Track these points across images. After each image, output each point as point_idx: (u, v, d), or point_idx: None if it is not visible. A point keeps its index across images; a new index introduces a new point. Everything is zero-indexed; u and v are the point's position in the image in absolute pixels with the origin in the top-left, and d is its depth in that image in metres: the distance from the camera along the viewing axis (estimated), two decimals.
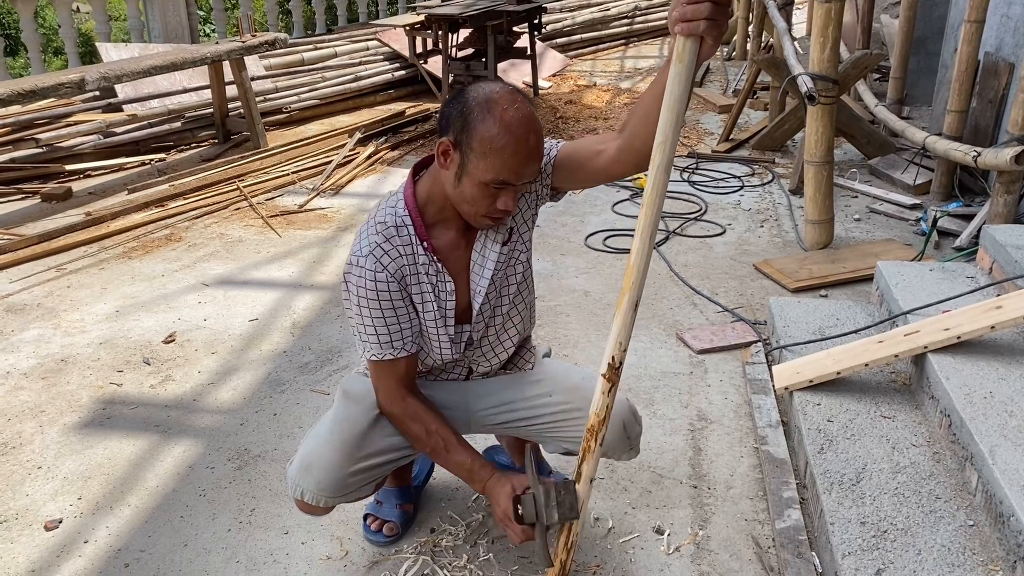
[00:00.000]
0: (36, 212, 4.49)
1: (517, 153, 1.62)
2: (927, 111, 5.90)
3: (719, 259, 3.87)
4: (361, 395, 1.87)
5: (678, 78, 1.37)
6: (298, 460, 1.86)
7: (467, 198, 1.67)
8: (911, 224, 4.21)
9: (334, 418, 1.87)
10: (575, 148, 1.78)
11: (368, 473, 1.86)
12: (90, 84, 4.47)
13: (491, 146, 1.60)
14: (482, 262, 1.82)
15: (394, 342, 1.77)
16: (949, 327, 2.42)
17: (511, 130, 1.60)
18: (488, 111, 1.61)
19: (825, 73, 3.76)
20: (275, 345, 3.14)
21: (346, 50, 7.07)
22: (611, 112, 6.57)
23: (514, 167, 1.63)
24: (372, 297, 1.73)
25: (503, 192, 1.66)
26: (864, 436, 2.31)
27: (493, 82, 1.69)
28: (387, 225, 1.74)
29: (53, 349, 3.10)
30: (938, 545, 1.91)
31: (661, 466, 2.43)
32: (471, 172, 1.64)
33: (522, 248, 1.87)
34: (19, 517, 2.24)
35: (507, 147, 1.61)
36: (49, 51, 15.91)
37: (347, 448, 1.82)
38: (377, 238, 1.73)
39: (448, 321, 1.83)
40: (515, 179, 1.65)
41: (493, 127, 1.60)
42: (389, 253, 1.73)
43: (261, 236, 4.21)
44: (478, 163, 1.62)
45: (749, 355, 2.98)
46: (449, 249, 1.80)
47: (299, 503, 1.90)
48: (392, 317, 1.76)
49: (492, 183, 1.64)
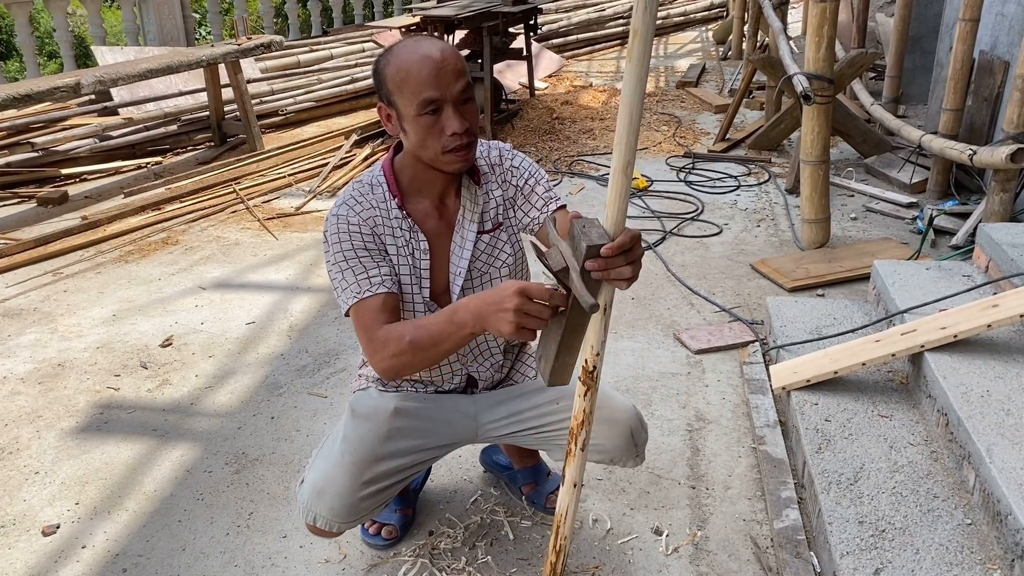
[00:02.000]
0: (32, 216, 4.48)
1: (424, 66, 1.61)
2: (923, 109, 5.91)
3: (716, 259, 3.87)
4: (369, 413, 1.85)
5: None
6: (309, 484, 1.80)
7: (417, 141, 1.66)
8: (907, 223, 4.21)
9: (344, 438, 1.83)
10: (562, 222, 1.63)
11: (379, 496, 1.81)
12: (86, 88, 4.47)
13: (402, 78, 1.62)
14: (461, 243, 1.81)
15: (372, 279, 1.70)
16: (946, 326, 2.42)
17: (413, 53, 1.63)
18: (390, 54, 1.66)
19: (821, 72, 3.76)
20: (272, 348, 3.14)
21: (342, 52, 7.07)
22: (607, 113, 6.57)
23: (429, 80, 1.61)
24: (345, 240, 1.71)
25: (442, 115, 1.64)
26: (862, 435, 2.31)
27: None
28: (363, 183, 1.78)
29: (50, 353, 3.10)
30: (936, 544, 1.91)
31: (659, 467, 2.43)
32: (404, 113, 1.65)
33: (508, 251, 1.85)
34: (16, 523, 2.23)
35: (412, 67, 1.61)
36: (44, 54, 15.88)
37: (359, 470, 1.77)
38: (352, 192, 1.77)
39: (423, 284, 1.79)
40: (437, 91, 1.61)
41: (396, 62, 1.64)
42: (361, 203, 1.75)
43: (258, 239, 4.21)
44: (401, 100, 1.63)
45: (747, 355, 2.98)
46: (423, 215, 1.79)
47: (311, 527, 1.84)
48: (367, 258, 1.71)
49: (421, 109, 1.62)
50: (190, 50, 5.68)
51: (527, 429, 1.96)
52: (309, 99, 6.39)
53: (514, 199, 1.84)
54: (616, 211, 1.30)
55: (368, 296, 1.69)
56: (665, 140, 5.82)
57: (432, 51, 1.63)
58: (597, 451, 1.91)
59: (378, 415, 1.83)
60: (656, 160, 5.39)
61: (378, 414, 1.83)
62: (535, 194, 1.81)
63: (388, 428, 1.82)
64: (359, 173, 5.20)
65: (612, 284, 1.34)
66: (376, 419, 1.83)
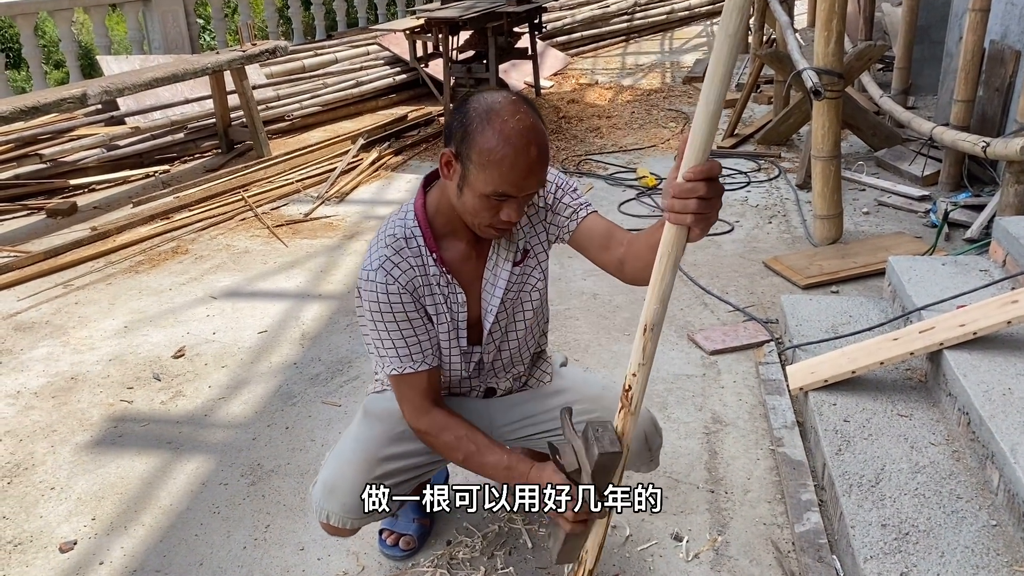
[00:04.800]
0: (42, 228, 4.49)
1: (516, 165, 1.56)
2: (932, 100, 5.86)
3: (728, 257, 3.84)
4: (382, 414, 1.86)
5: (667, 259, 1.36)
6: (321, 482, 1.84)
7: (469, 209, 1.64)
8: (920, 216, 4.17)
9: (356, 437, 1.85)
10: (596, 227, 1.76)
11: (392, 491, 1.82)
12: (92, 98, 4.47)
13: (490, 158, 1.56)
14: (494, 280, 1.80)
15: (413, 355, 1.74)
16: (965, 323, 2.39)
17: (511, 141, 1.55)
18: (488, 122, 1.56)
19: (830, 67, 3.73)
20: (285, 357, 3.13)
21: (346, 55, 7.06)
22: (614, 110, 6.54)
23: (514, 180, 1.58)
24: (386, 311, 1.70)
25: (506, 204, 1.62)
26: (882, 436, 2.29)
27: (497, 91, 1.65)
28: (396, 237, 1.72)
29: (63, 367, 3.10)
30: (961, 546, 1.89)
31: (677, 471, 2.41)
32: (472, 184, 1.60)
33: (539, 275, 1.85)
34: (34, 539, 2.23)
35: (506, 159, 1.56)
36: (50, 64, 15.93)
37: (370, 467, 1.79)
38: (387, 251, 1.71)
39: (460, 334, 1.81)
40: (515, 191, 1.60)
41: (492, 138, 1.55)
42: (399, 265, 1.70)
43: (267, 246, 4.20)
44: (478, 175, 1.58)
45: (762, 355, 2.95)
46: (460, 261, 1.78)
47: (325, 526, 1.87)
48: (408, 330, 1.73)
49: (492, 195, 1.59)
50: (195, 58, 5.68)
51: (541, 432, 1.96)
52: (315, 104, 6.38)
53: (544, 218, 1.82)
54: (701, 138, 1.26)
55: (410, 373, 1.75)
56: (673, 137, 5.79)
57: (531, 148, 1.57)
58: None
59: (391, 416, 1.84)
60: (665, 157, 5.36)
61: (391, 415, 1.84)
62: (562, 203, 1.79)
63: (401, 429, 1.83)
64: (367, 178, 5.19)
65: (683, 223, 1.31)
66: (389, 420, 1.84)
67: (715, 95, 1.22)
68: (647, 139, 5.78)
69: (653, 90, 7.16)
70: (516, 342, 1.90)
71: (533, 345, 1.97)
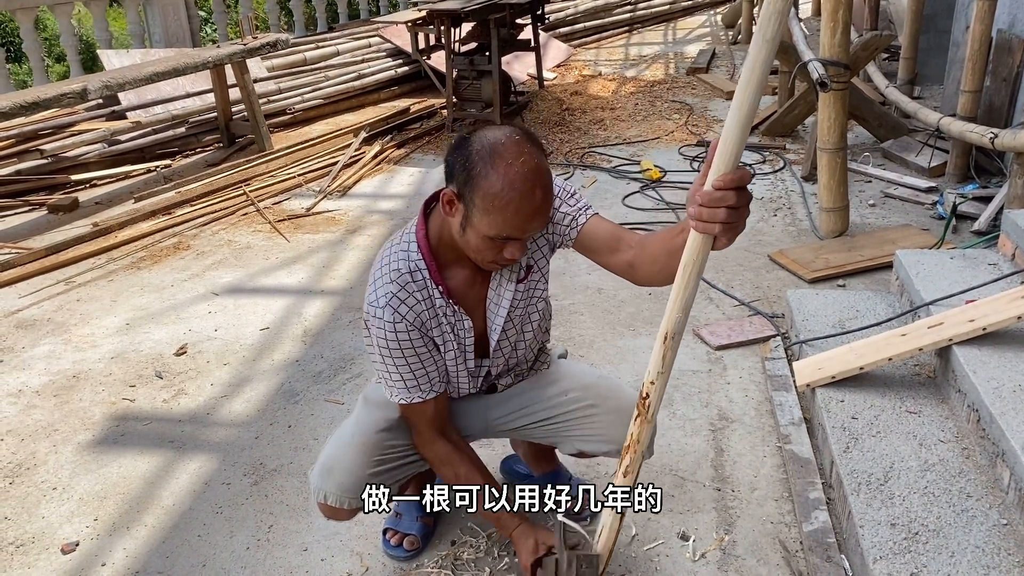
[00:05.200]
0: (43, 224, 4.47)
1: (520, 211, 1.55)
2: (938, 90, 5.81)
3: (733, 250, 3.80)
4: (381, 401, 1.88)
5: (691, 268, 1.34)
6: (319, 464, 1.88)
7: (472, 247, 1.63)
8: (927, 208, 4.14)
9: (355, 421, 1.90)
10: (599, 230, 1.74)
11: (389, 474, 1.87)
12: (93, 93, 4.44)
13: (494, 203, 1.53)
14: (497, 300, 1.80)
15: (421, 385, 1.77)
16: (974, 318, 2.36)
17: (515, 186, 1.53)
18: (492, 165, 1.53)
19: (836, 58, 3.68)
20: (287, 354, 3.11)
21: (348, 48, 7.02)
22: (617, 102, 6.50)
23: (518, 224, 1.56)
24: (394, 347, 1.72)
25: (509, 244, 1.61)
26: (890, 433, 2.26)
27: (499, 128, 1.61)
28: (401, 272, 1.71)
29: (64, 365, 3.08)
30: (972, 546, 1.87)
31: (683, 469, 2.38)
32: (475, 225, 1.58)
33: (543, 285, 1.86)
34: (36, 540, 2.22)
35: (510, 204, 1.53)
36: (51, 57, 15.90)
37: (368, 449, 1.83)
38: (392, 287, 1.69)
39: (468, 356, 1.84)
40: (520, 234, 1.59)
41: (496, 183, 1.53)
42: (406, 301, 1.70)
43: (269, 241, 4.17)
44: (482, 218, 1.56)
45: (768, 350, 2.93)
46: (465, 288, 1.78)
47: (323, 507, 1.90)
48: (416, 361, 1.75)
49: (496, 238, 1.58)
50: (196, 51, 5.65)
51: (537, 421, 1.98)
52: (316, 97, 6.35)
53: (543, 231, 1.79)
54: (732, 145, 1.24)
55: (418, 402, 1.79)
56: (677, 129, 5.75)
57: (536, 192, 1.55)
58: (605, 440, 1.94)
59: (390, 403, 1.86)
60: (669, 150, 5.32)
61: (390, 402, 1.85)
62: (560, 213, 1.76)
63: (399, 415, 1.86)
64: (370, 171, 5.16)
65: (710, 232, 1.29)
66: (388, 407, 1.87)
67: (749, 101, 1.18)
68: (651, 131, 5.74)
69: (657, 81, 7.11)
70: (524, 348, 1.93)
71: (537, 345, 2.00)
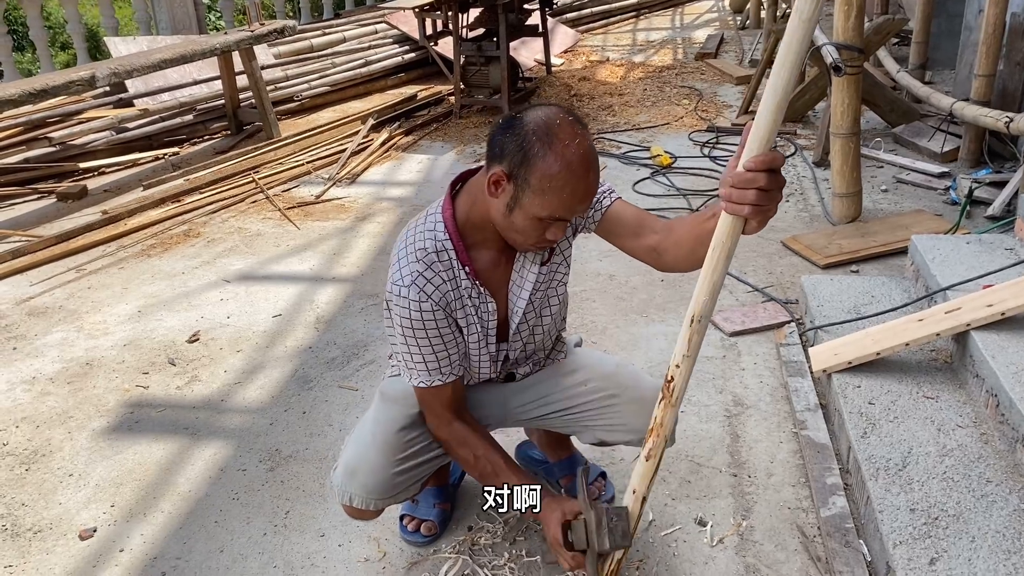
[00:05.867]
0: (52, 212, 4.46)
1: (576, 192, 1.56)
2: (949, 75, 5.77)
3: (745, 236, 3.78)
4: (399, 396, 1.86)
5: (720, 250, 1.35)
6: (342, 466, 1.85)
7: (517, 228, 1.62)
8: (940, 193, 4.11)
9: (374, 420, 1.87)
10: (624, 214, 1.76)
11: (413, 472, 1.85)
12: (100, 81, 4.42)
13: (551, 184, 1.53)
14: (520, 282, 1.79)
15: (442, 368, 1.75)
16: (992, 303, 2.35)
17: (572, 168, 1.53)
18: (549, 146, 1.53)
19: (850, 42, 3.65)
20: (300, 341, 3.11)
21: (355, 34, 7.00)
22: (625, 88, 6.47)
23: (571, 204, 1.57)
24: (418, 327, 1.69)
25: (554, 225, 1.62)
26: (908, 418, 2.26)
27: (549, 108, 1.60)
28: (427, 251, 1.69)
29: (77, 352, 3.08)
30: (992, 531, 1.86)
31: (699, 454, 2.38)
32: (525, 206, 1.57)
33: (564, 269, 1.85)
34: (53, 527, 2.22)
35: (567, 186, 1.54)
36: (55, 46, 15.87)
37: (390, 448, 1.81)
38: (418, 266, 1.68)
39: (490, 340, 1.82)
40: (569, 215, 1.60)
41: (554, 164, 1.52)
42: (432, 281, 1.68)
43: (279, 229, 4.17)
44: (534, 199, 1.55)
45: (783, 336, 2.91)
46: (490, 269, 1.77)
47: (348, 508, 1.88)
48: (440, 344, 1.73)
49: (547, 219, 1.59)
50: (203, 38, 5.63)
51: (555, 411, 1.97)
52: (324, 84, 6.33)
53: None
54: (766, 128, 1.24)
55: (438, 386, 1.76)
56: (687, 114, 5.72)
57: (590, 174, 1.57)
58: (626, 431, 1.92)
59: (408, 397, 1.84)
60: (679, 135, 5.30)
61: (407, 396, 1.84)
62: None
63: (419, 410, 1.84)
64: (378, 159, 5.15)
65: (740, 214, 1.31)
66: (406, 401, 1.84)
67: (784, 83, 1.17)
68: (660, 117, 5.71)
69: (665, 67, 7.08)
70: (542, 334, 1.91)
71: (555, 332, 1.98)
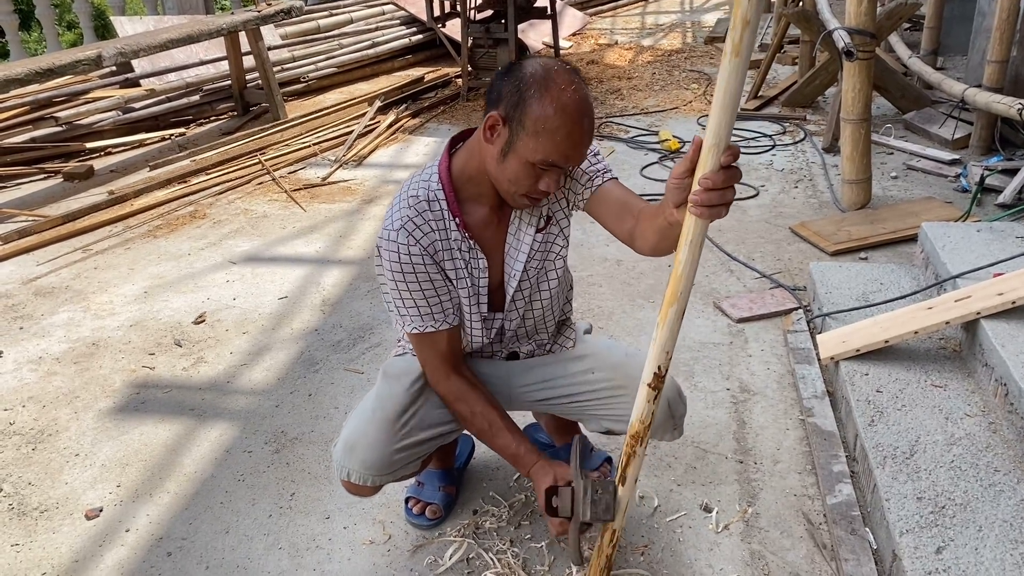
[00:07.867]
0: (59, 192, 4.46)
1: (570, 136, 1.56)
2: (961, 61, 5.72)
3: (754, 223, 3.77)
4: (401, 373, 1.85)
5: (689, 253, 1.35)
6: (342, 441, 1.85)
7: (509, 175, 1.62)
8: (950, 180, 4.08)
9: (376, 396, 1.86)
10: (611, 195, 1.75)
11: (413, 450, 1.83)
12: (107, 60, 4.40)
13: (544, 126, 1.54)
14: (517, 245, 1.78)
15: (434, 314, 1.75)
16: (1003, 291, 2.33)
17: (567, 111, 1.54)
18: (545, 89, 1.55)
19: (862, 27, 3.62)
20: (306, 323, 3.11)
21: (362, 15, 6.96)
22: (634, 72, 6.42)
23: (565, 150, 1.57)
24: (408, 271, 1.70)
25: (547, 173, 1.61)
26: (915, 406, 2.24)
27: (548, 58, 1.62)
28: (419, 199, 1.70)
29: (84, 333, 3.08)
30: (999, 520, 1.85)
31: (705, 441, 2.37)
32: (519, 150, 1.58)
33: (562, 242, 1.84)
34: (60, 506, 2.23)
35: (561, 128, 1.55)
36: (62, 24, 15.83)
37: (390, 425, 1.80)
38: (409, 212, 1.69)
39: (481, 299, 1.80)
40: (563, 162, 1.59)
41: (549, 106, 1.54)
42: (421, 227, 1.69)
43: (286, 211, 4.16)
44: (528, 141, 1.56)
45: (790, 323, 2.90)
46: (482, 226, 1.76)
47: (346, 484, 1.87)
48: (430, 289, 1.73)
49: (540, 163, 1.58)
50: (210, 18, 5.60)
51: (560, 397, 1.95)
52: (330, 65, 6.30)
53: (564, 184, 1.78)
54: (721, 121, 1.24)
55: (431, 332, 1.76)
56: (696, 99, 5.68)
57: (584, 120, 1.58)
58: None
59: (410, 374, 1.84)
60: (687, 120, 5.26)
61: (410, 373, 1.84)
62: (579, 170, 1.76)
63: (420, 386, 1.83)
64: (385, 141, 5.13)
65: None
66: (408, 377, 1.84)
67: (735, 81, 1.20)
68: (669, 101, 5.68)
69: (674, 51, 7.03)
70: (541, 310, 1.89)
71: (558, 313, 1.97)
